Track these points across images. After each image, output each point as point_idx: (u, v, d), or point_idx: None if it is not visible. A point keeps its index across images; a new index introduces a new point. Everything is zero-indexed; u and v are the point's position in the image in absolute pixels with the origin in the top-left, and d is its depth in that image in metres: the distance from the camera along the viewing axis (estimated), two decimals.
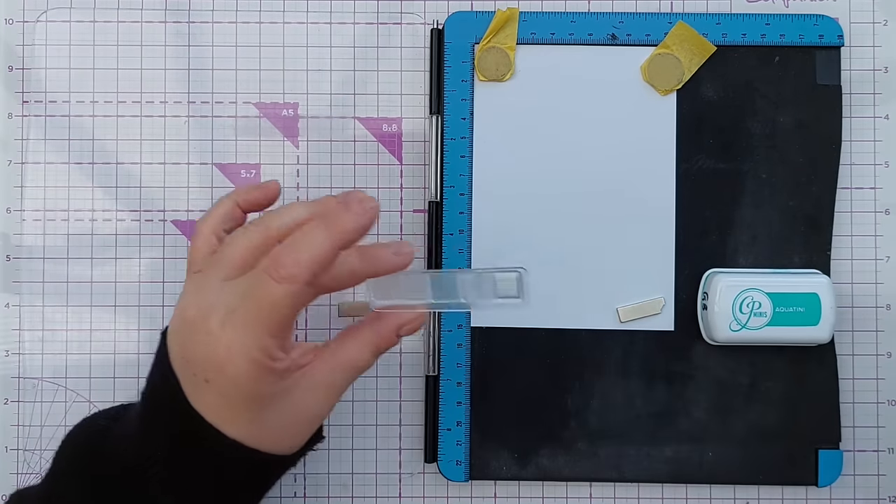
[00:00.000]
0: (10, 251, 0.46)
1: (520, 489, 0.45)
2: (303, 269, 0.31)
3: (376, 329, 0.36)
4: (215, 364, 0.32)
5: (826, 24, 0.45)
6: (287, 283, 0.31)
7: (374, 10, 0.46)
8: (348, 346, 0.36)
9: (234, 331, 0.32)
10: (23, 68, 0.46)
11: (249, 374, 0.32)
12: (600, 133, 0.45)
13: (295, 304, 0.32)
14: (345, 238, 0.32)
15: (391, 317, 0.36)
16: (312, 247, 0.31)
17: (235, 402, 0.33)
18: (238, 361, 0.32)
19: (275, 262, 0.31)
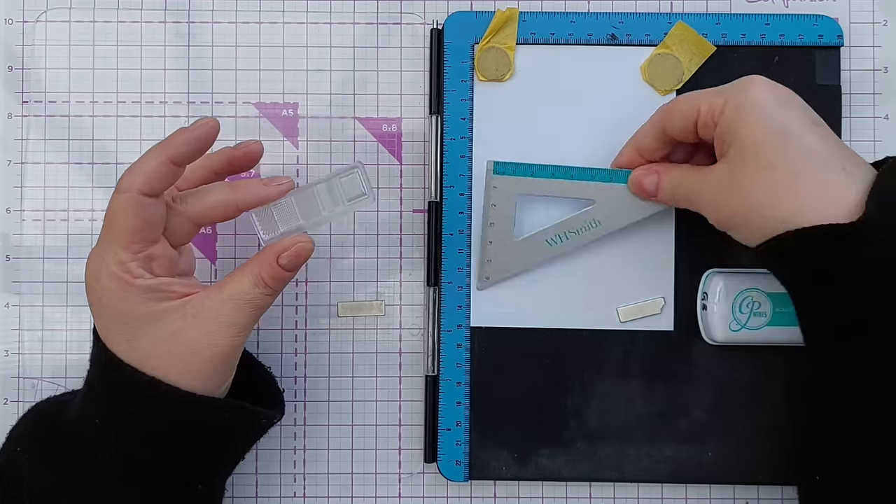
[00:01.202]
0: (10, 251, 0.46)
1: (520, 489, 0.45)
2: (134, 177, 0.35)
3: (257, 258, 0.37)
4: (89, 284, 0.36)
5: (826, 24, 0.45)
6: (121, 192, 0.35)
7: (374, 10, 0.46)
8: (232, 278, 0.37)
9: (96, 251, 0.36)
10: (23, 68, 0.46)
11: (110, 288, 0.35)
12: (600, 133, 0.45)
13: (132, 213, 0.35)
14: (175, 150, 0.35)
15: (270, 245, 0.37)
16: (144, 159, 0.36)
17: (109, 322, 0.36)
18: (98, 276, 0.35)
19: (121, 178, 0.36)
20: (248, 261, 0.38)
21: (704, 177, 0.39)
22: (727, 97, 0.37)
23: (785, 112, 0.36)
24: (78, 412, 0.37)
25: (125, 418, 0.36)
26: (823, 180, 0.35)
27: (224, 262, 0.46)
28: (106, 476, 0.36)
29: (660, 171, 0.41)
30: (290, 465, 0.45)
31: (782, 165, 0.35)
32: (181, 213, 0.37)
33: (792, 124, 0.36)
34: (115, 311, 0.35)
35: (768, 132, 0.35)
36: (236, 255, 0.46)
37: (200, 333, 0.36)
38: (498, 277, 0.44)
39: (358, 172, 0.38)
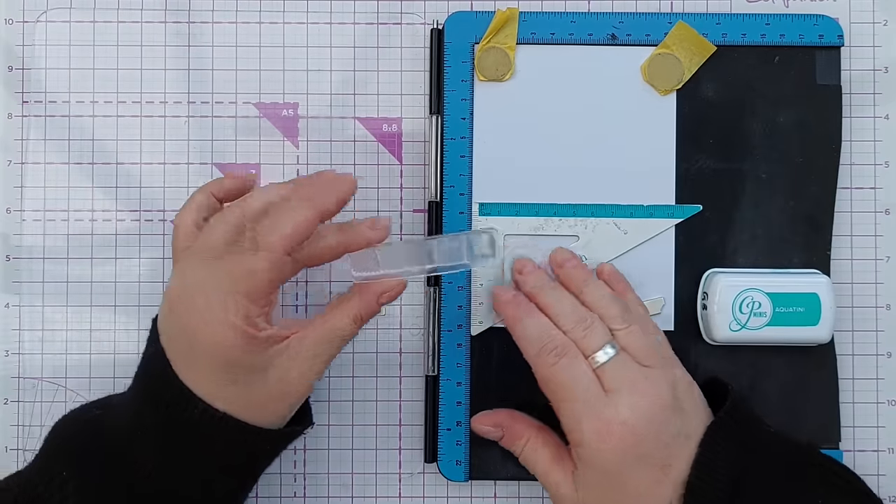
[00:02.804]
0: (10, 251, 0.46)
1: (520, 489, 0.45)
2: (282, 238, 0.34)
3: (359, 298, 0.37)
4: (201, 335, 0.34)
5: (826, 24, 0.45)
6: (266, 251, 0.34)
7: (374, 10, 0.46)
8: (333, 315, 0.37)
9: (219, 301, 0.34)
10: (23, 68, 0.46)
11: (233, 342, 0.34)
12: (600, 133, 0.45)
13: (273, 272, 0.34)
14: (323, 211, 0.35)
15: (373, 285, 0.37)
16: (293, 218, 0.34)
17: (221, 372, 0.34)
18: (221, 329, 0.34)
19: (256, 232, 0.34)
20: (344, 297, 0.38)
21: (555, 467, 0.40)
22: (587, 437, 0.38)
23: (633, 468, 0.38)
24: (126, 434, 0.36)
25: (186, 449, 0.35)
26: None
27: None
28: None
29: (507, 432, 0.43)
30: (290, 465, 0.45)
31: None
32: (295, 260, 0.36)
33: (634, 481, 0.38)
34: (225, 360, 0.34)
35: (613, 487, 0.38)
36: None
37: (299, 373, 0.36)
38: (490, 321, 0.45)
39: (490, 236, 0.38)
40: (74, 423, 0.37)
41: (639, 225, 0.45)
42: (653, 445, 0.37)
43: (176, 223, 0.38)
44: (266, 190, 0.36)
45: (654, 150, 0.45)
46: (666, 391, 0.38)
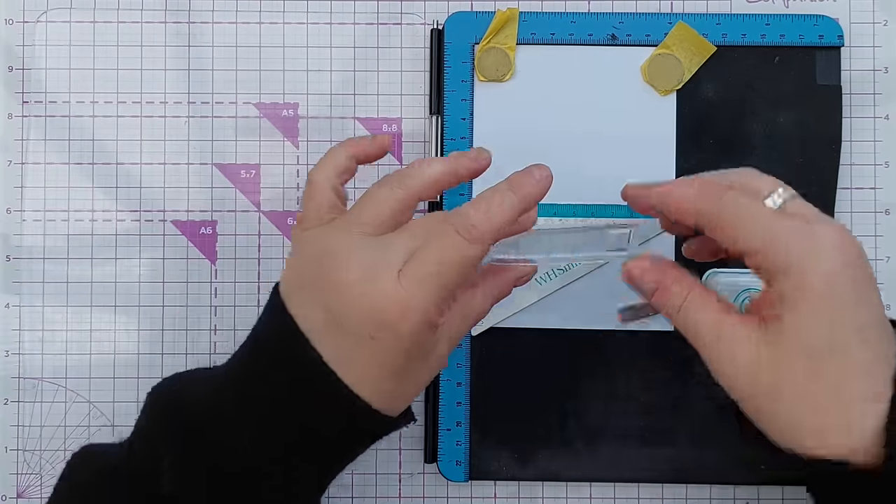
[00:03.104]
0: (10, 251, 0.46)
1: (520, 489, 0.45)
2: (494, 229, 0.32)
3: (494, 280, 0.36)
4: (385, 321, 0.31)
5: (826, 25, 0.45)
6: (478, 243, 0.32)
7: (374, 10, 0.46)
8: (476, 298, 0.35)
9: (412, 287, 0.31)
10: (23, 68, 0.46)
11: (420, 331, 0.32)
12: (600, 133, 0.45)
13: (478, 263, 0.33)
14: (528, 203, 0.33)
15: (510, 270, 0.37)
16: (504, 209, 0.32)
17: (393, 360, 0.32)
18: (414, 318, 0.31)
19: (466, 220, 0.32)
20: (484, 280, 0.36)
21: (728, 327, 0.32)
22: (795, 256, 0.30)
23: (856, 297, 0.30)
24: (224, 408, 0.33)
25: (289, 427, 0.33)
26: (861, 402, 0.30)
27: (224, 262, 0.46)
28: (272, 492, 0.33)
29: (665, 281, 0.34)
30: None
31: (830, 375, 0.30)
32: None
33: (857, 318, 0.30)
34: (407, 351, 0.32)
35: (834, 326, 0.30)
36: (236, 255, 0.46)
37: (441, 356, 0.34)
38: (491, 320, 0.44)
39: (630, 231, 0.36)
40: (167, 397, 0.35)
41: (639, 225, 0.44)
42: (856, 288, 0.30)
43: (315, 180, 0.35)
44: (426, 165, 0.34)
45: (654, 151, 0.45)
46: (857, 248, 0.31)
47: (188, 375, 0.36)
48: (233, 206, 0.46)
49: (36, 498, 0.45)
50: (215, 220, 0.46)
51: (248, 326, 0.45)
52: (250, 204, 0.46)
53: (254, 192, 0.46)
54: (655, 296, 0.34)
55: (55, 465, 0.45)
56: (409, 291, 0.31)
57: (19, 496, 0.45)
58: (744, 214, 0.32)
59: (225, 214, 0.46)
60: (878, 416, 0.30)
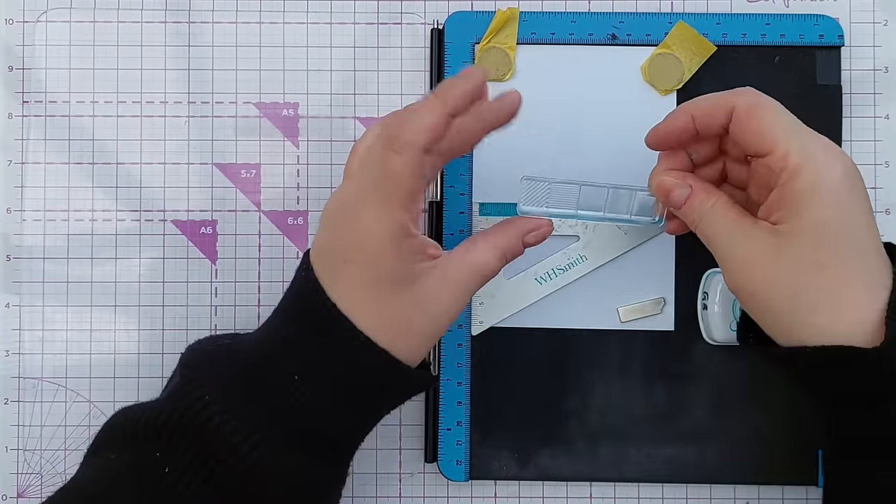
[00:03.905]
0: (10, 251, 0.46)
1: (520, 489, 0.45)
2: (418, 135, 0.33)
3: (504, 232, 0.37)
4: (356, 242, 0.34)
5: (826, 24, 0.45)
6: (405, 150, 0.33)
7: (374, 10, 0.46)
8: (478, 247, 0.36)
9: (370, 208, 0.33)
10: (23, 68, 0.46)
11: (386, 248, 0.33)
12: (600, 133, 0.45)
13: (415, 171, 0.33)
14: (454, 102, 0.34)
15: (518, 221, 0.37)
16: (421, 114, 0.33)
17: (369, 282, 0.34)
18: (377, 235, 0.33)
19: (390, 132, 0.33)
20: (487, 232, 0.37)
21: (746, 229, 0.35)
22: (811, 157, 0.34)
23: (858, 205, 0.34)
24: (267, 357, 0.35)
25: (346, 384, 0.34)
26: (865, 293, 0.33)
27: (224, 261, 0.46)
28: (317, 439, 0.34)
29: (696, 187, 0.37)
30: None
31: (838, 269, 0.33)
32: (438, 154, 0.35)
33: (860, 222, 0.34)
34: (382, 272, 0.34)
35: (839, 226, 0.33)
36: (236, 255, 0.46)
37: (439, 297, 0.35)
38: (491, 320, 0.44)
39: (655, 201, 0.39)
40: (206, 351, 0.36)
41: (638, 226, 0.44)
42: (869, 205, 0.34)
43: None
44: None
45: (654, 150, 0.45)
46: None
47: (217, 339, 0.38)
48: (233, 206, 0.46)
49: (36, 498, 0.45)
50: (215, 220, 0.46)
51: (249, 326, 0.45)
52: (250, 204, 0.46)
53: (254, 192, 0.46)
54: (688, 202, 0.37)
55: (55, 464, 0.45)
56: (369, 212, 0.33)
57: (19, 496, 0.45)
58: (771, 115, 0.35)
59: (225, 214, 0.46)
60: (882, 301, 0.33)
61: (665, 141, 0.38)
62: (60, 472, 0.45)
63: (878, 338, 0.33)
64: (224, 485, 0.33)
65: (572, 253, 0.44)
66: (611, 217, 0.40)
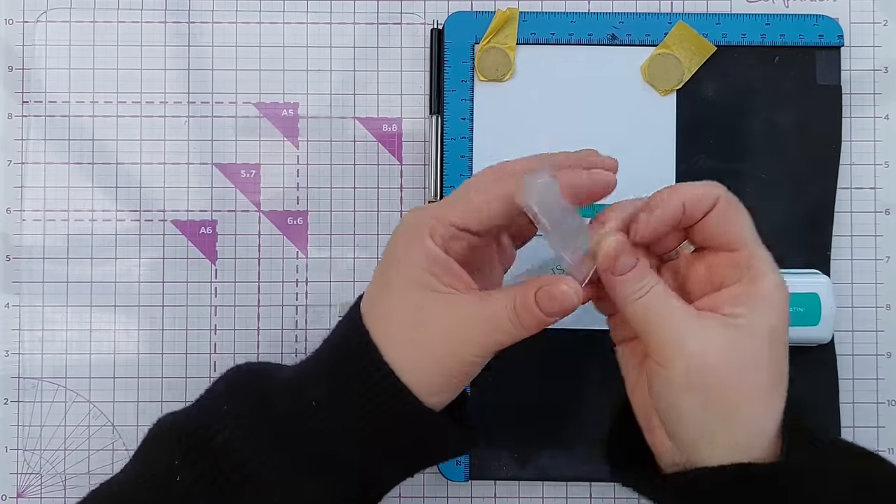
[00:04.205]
0: (10, 251, 0.46)
1: (520, 489, 0.45)
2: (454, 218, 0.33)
3: (524, 286, 0.34)
4: (394, 257, 0.34)
5: (826, 24, 0.45)
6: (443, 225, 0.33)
7: (374, 10, 0.46)
8: (499, 294, 0.33)
9: (410, 229, 0.34)
10: (23, 68, 0.46)
11: (419, 259, 0.33)
12: (600, 133, 0.45)
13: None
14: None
15: (538, 279, 0.34)
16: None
17: (408, 309, 0.33)
18: (409, 251, 0.33)
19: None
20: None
21: (700, 320, 0.33)
22: (767, 260, 0.33)
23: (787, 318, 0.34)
24: (302, 389, 0.34)
25: (372, 423, 0.33)
26: (780, 400, 0.33)
27: (224, 261, 0.46)
28: (338, 470, 0.33)
29: (642, 261, 0.34)
30: None
31: (770, 373, 0.33)
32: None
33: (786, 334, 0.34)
34: (414, 286, 0.33)
35: (783, 332, 0.33)
36: (237, 255, 0.46)
37: (461, 334, 0.33)
38: None
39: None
40: (248, 369, 0.36)
41: None
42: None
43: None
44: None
45: (653, 150, 0.45)
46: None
47: (264, 364, 0.37)
48: (233, 206, 0.46)
49: (36, 497, 0.45)
50: (215, 220, 0.46)
51: (249, 326, 0.45)
52: (250, 204, 0.46)
53: (254, 192, 0.46)
54: (631, 273, 0.33)
55: (55, 464, 0.45)
56: (407, 236, 0.33)
57: (19, 496, 0.45)
58: (742, 212, 0.34)
59: (225, 214, 0.46)
60: (776, 421, 0.33)
61: (659, 233, 0.34)
62: (60, 472, 0.45)
63: (775, 451, 0.33)
64: (229, 500, 0.32)
65: None
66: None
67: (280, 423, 0.33)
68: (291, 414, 0.33)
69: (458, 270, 0.34)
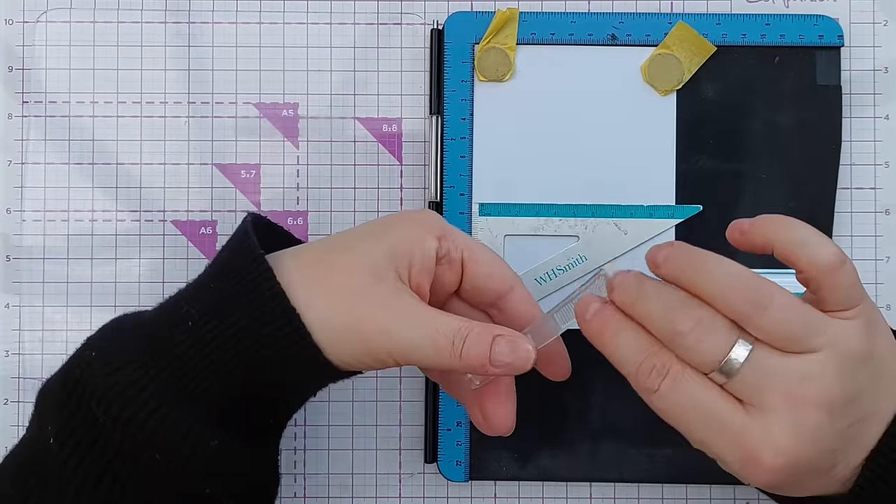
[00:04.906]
0: (10, 251, 0.46)
1: (520, 489, 0.45)
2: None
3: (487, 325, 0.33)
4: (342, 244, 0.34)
5: (826, 25, 0.45)
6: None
7: (374, 10, 0.46)
8: (455, 318, 0.32)
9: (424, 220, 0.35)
10: (23, 68, 0.46)
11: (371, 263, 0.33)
12: (600, 133, 0.45)
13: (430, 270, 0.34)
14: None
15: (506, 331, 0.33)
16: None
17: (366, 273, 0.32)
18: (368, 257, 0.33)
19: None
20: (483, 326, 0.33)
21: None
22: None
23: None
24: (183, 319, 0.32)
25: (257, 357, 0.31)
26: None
27: None
28: (208, 404, 0.32)
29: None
30: (290, 465, 0.45)
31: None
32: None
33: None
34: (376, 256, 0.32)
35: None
36: None
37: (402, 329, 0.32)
38: None
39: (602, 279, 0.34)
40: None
41: (639, 225, 0.44)
42: (817, 461, 0.30)
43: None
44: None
45: (654, 151, 0.45)
46: (835, 384, 0.29)
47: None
48: (233, 206, 0.46)
49: None
50: (215, 220, 0.46)
51: None
52: (250, 204, 0.46)
53: (254, 192, 0.46)
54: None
55: None
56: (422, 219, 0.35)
57: None
58: (682, 411, 0.31)
59: (225, 214, 0.46)
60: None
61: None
62: None
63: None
64: (98, 439, 0.31)
65: (572, 253, 0.44)
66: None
67: (153, 347, 0.32)
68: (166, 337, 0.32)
69: (426, 282, 0.34)
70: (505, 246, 0.44)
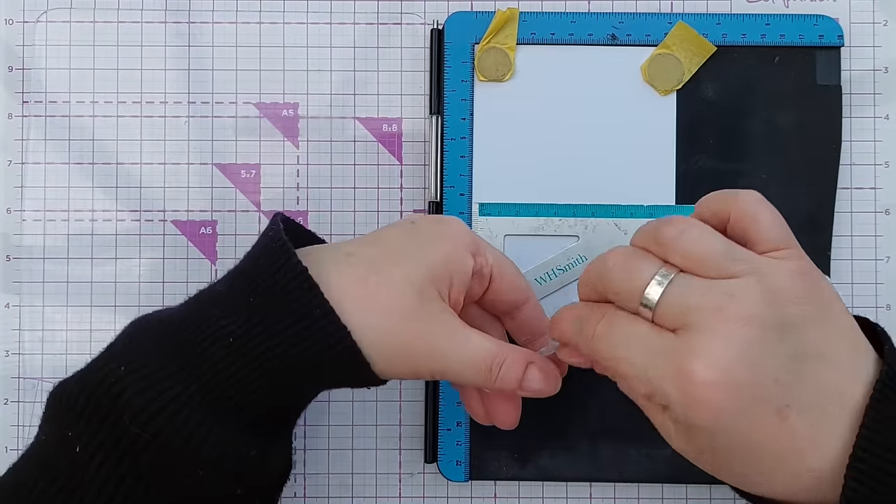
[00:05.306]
0: (10, 251, 0.46)
1: (520, 489, 0.45)
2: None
3: (517, 349, 0.36)
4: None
5: (826, 24, 0.45)
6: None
7: (374, 10, 0.46)
8: (477, 338, 0.35)
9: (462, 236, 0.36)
10: (23, 68, 0.46)
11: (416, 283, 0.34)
12: (600, 133, 0.45)
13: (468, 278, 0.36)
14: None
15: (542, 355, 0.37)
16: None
17: (408, 289, 0.33)
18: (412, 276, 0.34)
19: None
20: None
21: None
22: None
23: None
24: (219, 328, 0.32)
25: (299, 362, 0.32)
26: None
27: (224, 262, 0.46)
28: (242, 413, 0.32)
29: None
30: None
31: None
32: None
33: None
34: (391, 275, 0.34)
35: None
36: (236, 255, 0.46)
37: (448, 350, 0.34)
38: None
39: None
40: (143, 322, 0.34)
41: (639, 225, 0.44)
42: (759, 387, 0.28)
43: None
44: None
45: (653, 151, 0.45)
46: (760, 304, 0.28)
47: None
48: (233, 206, 0.46)
49: None
50: (215, 220, 0.46)
51: None
52: (250, 204, 0.46)
53: (254, 192, 0.46)
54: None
55: None
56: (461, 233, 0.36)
57: None
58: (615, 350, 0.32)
59: (225, 214, 0.46)
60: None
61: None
62: None
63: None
64: (132, 452, 0.31)
65: (572, 253, 0.44)
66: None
67: (183, 356, 0.32)
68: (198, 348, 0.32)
69: (462, 297, 0.36)
70: (505, 246, 0.44)
